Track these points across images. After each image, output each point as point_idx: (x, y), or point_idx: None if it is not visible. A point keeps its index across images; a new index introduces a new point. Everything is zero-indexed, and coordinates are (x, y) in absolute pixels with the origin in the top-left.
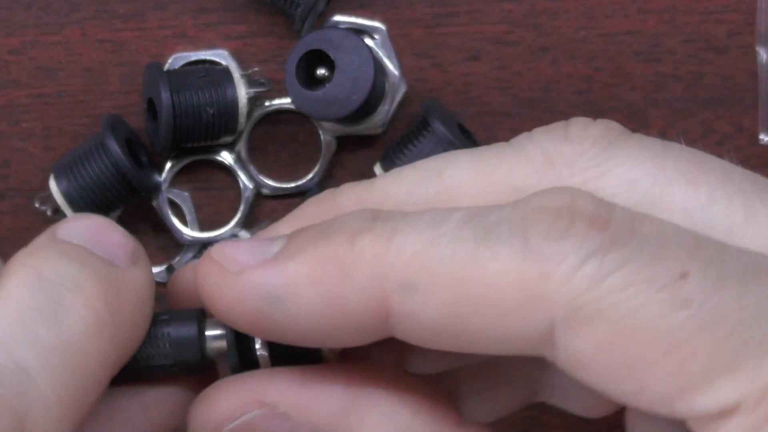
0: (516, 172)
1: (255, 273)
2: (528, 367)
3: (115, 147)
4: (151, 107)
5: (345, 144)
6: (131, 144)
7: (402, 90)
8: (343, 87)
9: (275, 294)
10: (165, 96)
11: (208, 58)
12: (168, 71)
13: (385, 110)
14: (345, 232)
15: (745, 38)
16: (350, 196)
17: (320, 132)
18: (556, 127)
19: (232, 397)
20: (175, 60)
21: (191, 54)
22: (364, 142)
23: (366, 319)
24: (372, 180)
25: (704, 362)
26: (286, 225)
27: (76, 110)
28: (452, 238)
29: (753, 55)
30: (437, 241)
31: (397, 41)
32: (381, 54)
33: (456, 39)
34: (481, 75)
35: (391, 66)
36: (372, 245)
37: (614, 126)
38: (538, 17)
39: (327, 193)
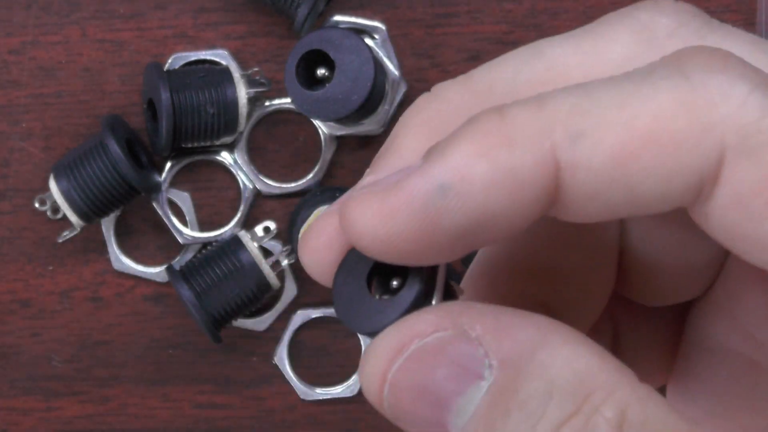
0: (619, 43)
1: (414, 176)
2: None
3: (115, 147)
4: (151, 107)
5: (345, 144)
6: (131, 144)
7: (402, 90)
8: (343, 87)
9: (443, 182)
10: (165, 96)
11: (208, 58)
12: (168, 71)
13: (385, 110)
14: (492, 114)
15: None
16: (454, 91)
17: (320, 132)
18: (646, 3)
19: (426, 315)
20: (175, 60)
21: (191, 54)
22: (364, 142)
23: (538, 181)
24: (468, 73)
25: None
26: (392, 156)
27: (76, 110)
28: (607, 86)
29: None
30: (592, 92)
31: (397, 41)
32: (381, 54)
33: (456, 39)
34: None
35: (391, 66)
36: (524, 112)
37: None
38: (538, 17)
39: (422, 101)
